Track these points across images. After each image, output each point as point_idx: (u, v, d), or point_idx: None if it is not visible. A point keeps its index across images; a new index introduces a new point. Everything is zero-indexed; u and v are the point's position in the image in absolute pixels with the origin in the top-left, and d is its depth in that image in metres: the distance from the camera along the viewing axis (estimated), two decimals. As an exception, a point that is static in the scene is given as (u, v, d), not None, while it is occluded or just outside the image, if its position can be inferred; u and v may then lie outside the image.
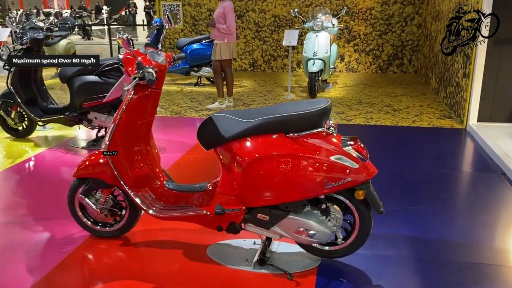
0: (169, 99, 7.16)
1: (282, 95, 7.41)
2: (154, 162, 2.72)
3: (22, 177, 4.06)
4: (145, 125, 2.60)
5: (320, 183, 2.27)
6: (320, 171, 2.26)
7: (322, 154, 2.26)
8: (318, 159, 2.25)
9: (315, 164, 2.25)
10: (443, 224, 3.11)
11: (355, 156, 2.29)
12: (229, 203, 2.45)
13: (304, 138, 2.28)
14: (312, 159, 2.25)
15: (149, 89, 2.51)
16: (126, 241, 2.86)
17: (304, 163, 2.26)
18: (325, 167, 2.25)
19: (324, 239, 2.40)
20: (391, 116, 5.99)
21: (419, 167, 4.15)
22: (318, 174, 2.26)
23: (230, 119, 2.39)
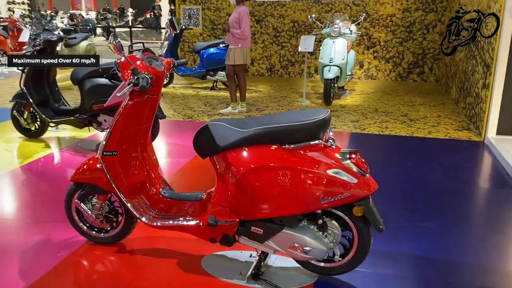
0: (184, 102, 7.15)
1: (296, 101, 7.32)
2: (151, 169, 2.67)
3: (28, 177, 4.08)
4: (141, 131, 2.56)
5: (316, 198, 2.18)
6: (316, 185, 2.17)
7: (319, 168, 2.17)
8: (314, 173, 2.16)
9: (311, 177, 2.16)
10: (452, 243, 2.97)
11: (354, 170, 2.20)
12: (222, 214, 2.38)
13: (301, 150, 2.20)
14: (308, 173, 2.16)
15: (146, 95, 2.47)
16: (121, 248, 2.82)
17: (299, 176, 2.17)
18: (321, 181, 2.16)
19: (320, 256, 2.30)
20: (407, 126, 5.82)
21: (431, 180, 4.00)
22: (313, 188, 2.17)
23: (226, 128, 2.32)
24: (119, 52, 2.38)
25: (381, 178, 4.08)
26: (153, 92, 2.49)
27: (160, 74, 2.48)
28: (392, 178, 4.05)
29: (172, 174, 4.14)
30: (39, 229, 3.07)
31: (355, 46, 9.28)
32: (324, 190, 2.17)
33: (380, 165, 4.43)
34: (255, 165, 2.22)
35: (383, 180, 4.00)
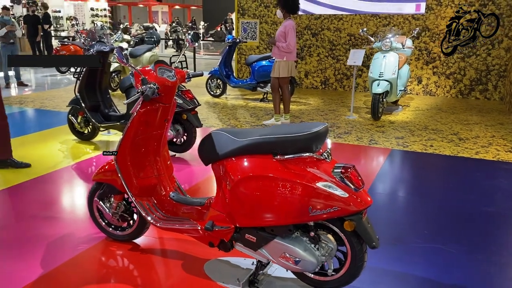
0: (231, 113, 7.35)
1: (344, 115, 7.25)
2: (163, 173, 2.82)
3: (72, 177, 4.43)
4: (154, 137, 2.72)
5: (303, 210, 2.20)
6: (304, 197, 2.19)
7: (307, 180, 2.19)
8: (302, 185, 2.18)
9: (299, 189, 2.19)
10: (470, 272, 2.81)
11: (345, 184, 2.19)
12: (220, 220, 2.47)
13: (292, 162, 2.24)
14: (296, 184, 2.19)
15: (157, 103, 2.63)
16: (135, 246, 3.00)
17: (287, 187, 2.21)
18: (309, 193, 2.18)
19: (310, 268, 2.31)
20: (454, 145, 5.57)
21: (464, 203, 3.81)
22: (302, 200, 2.19)
23: (226, 137, 2.42)
24: (123, 62, 2.56)
25: (409, 197, 3.97)
26: (164, 100, 2.64)
27: (170, 84, 2.64)
28: (422, 198, 3.91)
29: (201, 181, 4.29)
30: (69, 223, 3.35)
31: (413, 61, 9.02)
32: (312, 202, 2.18)
33: (412, 183, 4.29)
34: (247, 174, 2.29)
35: (410, 199, 3.90)
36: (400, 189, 4.20)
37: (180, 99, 4.63)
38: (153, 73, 2.63)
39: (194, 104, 4.73)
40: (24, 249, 2.96)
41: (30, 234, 3.16)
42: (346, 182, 2.19)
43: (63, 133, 5.82)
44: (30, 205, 3.67)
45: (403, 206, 3.79)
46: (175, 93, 2.71)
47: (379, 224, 3.37)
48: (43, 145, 5.39)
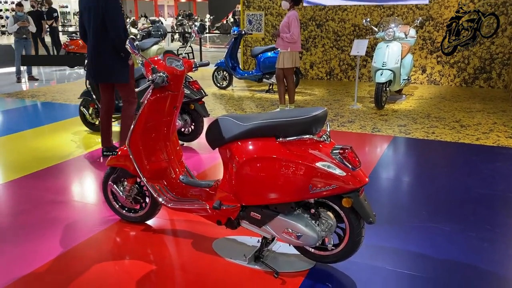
0: (237, 104, 7.52)
1: (348, 104, 7.38)
2: (173, 157, 3.00)
3: (85, 165, 4.63)
4: (164, 123, 2.89)
5: (304, 188, 2.36)
6: (305, 176, 2.35)
7: (308, 160, 2.35)
8: (303, 164, 2.35)
9: (300, 169, 2.36)
10: (464, 248, 2.97)
11: (343, 164, 2.35)
12: (227, 199, 2.64)
13: (292, 143, 2.40)
14: (297, 164, 2.36)
15: (166, 91, 2.80)
16: (147, 227, 3.19)
17: (289, 167, 2.37)
18: (309, 172, 2.35)
19: (311, 242, 2.48)
20: (455, 132, 5.69)
21: (462, 186, 3.95)
22: (302, 179, 2.36)
23: (232, 122, 2.58)
24: (135, 53, 2.73)
25: (409, 181, 4.11)
26: (173, 89, 2.81)
27: (179, 73, 2.81)
28: (421, 182, 4.06)
29: (208, 168, 4.47)
30: (84, 207, 3.54)
31: (417, 50, 9.11)
32: (313, 181, 2.35)
33: (412, 169, 4.44)
34: (251, 155, 2.45)
35: (410, 184, 4.05)
36: (401, 174, 4.35)
37: (188, 90, 4.80)
38: (163, 62, 2.80)
39: (201, 94, 4.90)
40: (44, 230, 3.16)
41: (48, 217, 3.37)
42: (344, 162, 2.35)
43: (75, 124, 6.03)
44: (47, 191, 3.87)
45: (403, 189, 3.94)
46: (183, 81, 2.88)
47: (379, 206, 3.53)
48: (56, 136, 5.60)
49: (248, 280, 2.58)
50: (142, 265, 2.73)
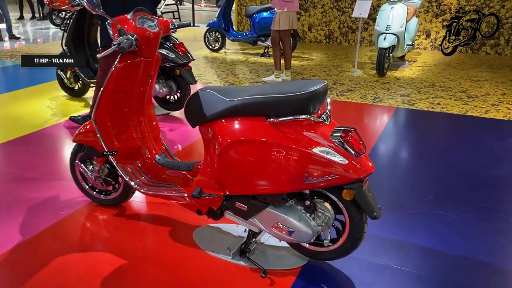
0: (230, 68, 7.05)
1: (348, 71, 6.94)
2: (148, 134, 2.60)
3: (60, 135, 4.22)
4: (136, 96, 2.48)
5: (298, 178, 1.99)
6: (299, 163, 1.97)
7: (303, 145, 1.96)
8: (297, 150, 1.96)
9: (294, 155, 1.97)
10: (475, 239, 2.64)
11: (345, 150, 1.97)
12: (208, 187, 2.27)
13: (285, 125, 2.00)
14: (290, 149, 1.97)
15: (138, 57, 2.37)
16: (121, 211, 2.83)
17: (280, 153, 1.99)
18: (305, 159, 1.97)
19: (305, 239, 2.13)
20: (462, 103, 5.30)
21: (472, 167, 3.60)
22: (296, 167, 1.98)
23: (214, 96, 2.18)
24: (95, 11, 2.28)
25: (414, 159, 3.75)
26: (146, 54, 2.38)
27: (152, 35, 2.36)
28: (427, 160, 3.70)
29: (195, 142, 4.08)
30: (53, 185, 3.17)
31: (422, 13, 8.56)
32: (308, 169, 1.97)
33: (417, 144, 4.07)
34: (237, 137, 2.06)
35: (415, 162, 3.69)
36: (404, 150, 3.98)
37: (173, 53, 4.34)
38: (132, 22, 2.35)
39: (188, 58, 4.45)
40: (2, 214, 2.80)
41: (10, 197, 2.99)
42: (346, 147, 1.97)
43: (54, 89, 5.57)
44: (14, 166, 3.49)
45: (407, 169, 3.59)
46: (158, 45, 2.44)
47: (380, 188, 3.18)
48: (32, 101, 5.16)
49: (231, 278, 2.25)
50: (110, 258, 2.38)
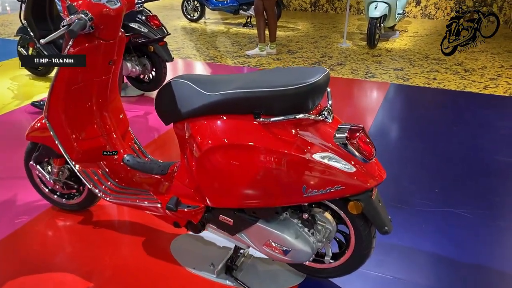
0: (210, 41, 6.56)
1: (336, 42, 6.52)
2: (114, 131, 2.20)
3: (20, 123, 3.76)
4: (96, 86, 2.06)
5: (296, 190, 1.64)
6: (296, 173, 1.61)
7: (301, 150, 1.60)
8: (293, 156, 1.60)
9: (289, 162, 1.61)
10: (490, 243, 2.35)
11: (352, 155, 1.61)
12: (186, 196, 1.90)
13: (278, 125, 1.63)
14: (285, 156, 1.60)
15: (96, 39, 1.94)
16: (87, 218, 2.45)
17: (273, 160, 1.62)
18: (303, 168, 1.61)
19: (303, 259, 1.80)
20: (459, 77, 4.97)
21: (480, 152, 3.29)
22: (292, 177, 1.62)
23: (191, 89, 1.78)
24: None
25: (414, 144, 3.44)
26: (105, 36, 1.95)
27: (112, 13, 1.92)
28: (428, 145, 3.38)
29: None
30: (7, 186, 2.75)
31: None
32: (308, 180, 1.61)
33: (416, 127, 3.74)
34: (219, 141, 1.68)
35: (416, 147, 3.36)
36: (403, 134, 3.65)
37: (145, 28, 3.87)
38: (88, -3, 1.90)
39: (163, 33, 3.98)
40: (-51, 224, 2.40)
41: (-42, 203, 2.58)
42: (353, 151, 1.61)
43: (16, 67, 5.04)
44: (-35, 162, 3.05)
45: (407, 156, 3.26)
46: (120, 23, 2.01)
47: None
48: (-10, 82, 4.65)
49: (216, 303, 1.91)
50: (74, 280, 2.02)
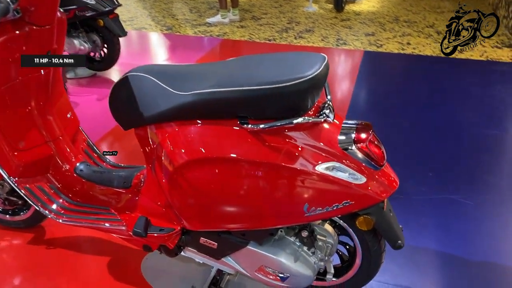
0: (166, 8, 6.01)
1: (302, 6, 6.13)
2: (61, 135, 1.80)
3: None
4: (34, 83, 1.64)
5: (296, 210, 1.33)
6: (296, 190, 1.30)
7: (301, 162, 1.28)
8: (291, 170, 1.28)
9: (288, 179, 1.29)
10: (500, 236, 2.16)
11: (361, 162, 1.31)
12: (157, 216, 1.56)
13: (271, 132, 1.29)
14: (282, 170, 1.28)
15: (26, 26, 1.51)
16: (39, 235, 2.07)
17: (266, 176, 1.30)
18: (305, 184, 1.30)
19: (303, 284, 1.52)
20: (433, 41, 4.74)
21: (465, 126, 3.09)
22: (292, 196, 1.31)
23: (155, 86, 1.39)
24: None
25: (399, 119, 3.19)
26: (38, 20, 1.52)
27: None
28: (413, 122, 3.15)
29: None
30: None
31: None
32: (311, 197, 1.31)
33: (397, 100, 3.49)
34: (196, 154, 1.33)
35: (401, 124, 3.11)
36: (385, 108, 3.40)
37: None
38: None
39: (113, 4, 3.48)
40: None
41: None
42: (362, 157, 1.31)
43: None
44: None
45: (393, 135, 3.02)
46: (57, 4, 1.58)
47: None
48: None
49: (202, 337, 1.62)
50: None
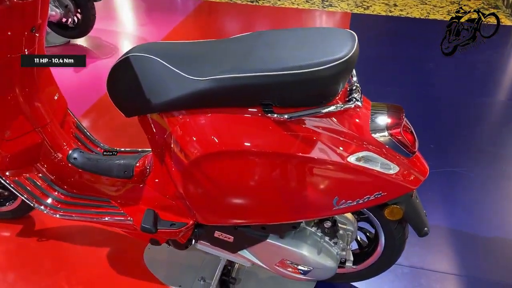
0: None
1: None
2: (50, 120, 1.62)
3: None
4: (17, 64, 1.44)
5: (324, 203, 1.23)
6: (326, 183, 1.20)
7: (332, 153, 1.17)
8: (321, 163, 1.17)
9: (316, 171, 1.19)
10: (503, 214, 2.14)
11: (393, 149, 1.21)
12: (166, 209, 1.44)
13: (299, 121, 1.17)
14: (310, 163, 1.17)
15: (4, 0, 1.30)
16: (29, 226, 1.92)
17: (293, 170, 1.19)
18: (335, 176, 1.19)
19: (325, 276, 1.45)
20: (420, 2, 4.62)
21: (460, 93, 3.05)
22: (321, 189, 1.21)
23: (164, 69, 1.23)
24: None
25: (393, 89, 3.11)
26: (21, -7, 1.32)
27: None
28: (408, 89, 3.07)
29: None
30: None
31: None
32: (341, 190, 1.21)
33: (389, 66, 3.40)
34: (214, 147, 1.20)
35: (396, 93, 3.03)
36: (378, 77, 3.30)
37: (62, -41, 3.06)
38: None
39: (85, -35, 3.19)
40: None
41: None
42: (396, 144, 1.21)
43: None
44: None
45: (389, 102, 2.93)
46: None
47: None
48: None
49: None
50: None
